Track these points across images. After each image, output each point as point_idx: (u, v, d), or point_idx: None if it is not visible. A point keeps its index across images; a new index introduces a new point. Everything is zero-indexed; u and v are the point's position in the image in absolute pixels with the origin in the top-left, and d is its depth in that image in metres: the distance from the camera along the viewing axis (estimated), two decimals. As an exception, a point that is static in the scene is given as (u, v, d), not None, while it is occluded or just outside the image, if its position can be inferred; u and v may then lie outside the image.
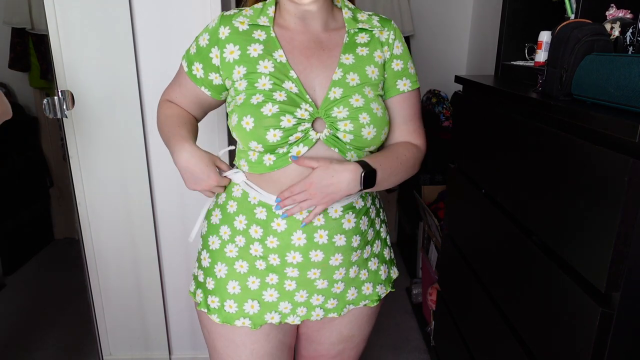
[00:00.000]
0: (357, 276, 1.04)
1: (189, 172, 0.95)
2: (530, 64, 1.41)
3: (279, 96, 0.89)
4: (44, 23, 1.59)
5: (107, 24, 1.58)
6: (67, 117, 1.60)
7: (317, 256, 0.95)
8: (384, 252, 1.10)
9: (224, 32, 0.94)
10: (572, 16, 1.22)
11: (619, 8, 1.06)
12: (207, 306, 1.02)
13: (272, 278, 0.98)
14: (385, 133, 0.96)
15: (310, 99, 0.91)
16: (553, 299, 0.95)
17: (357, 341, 1.14)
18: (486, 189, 1.34)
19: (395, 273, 1.14)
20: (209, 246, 1.02)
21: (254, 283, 0.99)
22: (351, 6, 1.02)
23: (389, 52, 1.00)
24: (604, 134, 0.81)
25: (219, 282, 1.00)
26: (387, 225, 1.12)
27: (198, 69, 0.98)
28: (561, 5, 1.28)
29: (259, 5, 0.99)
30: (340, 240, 0.96)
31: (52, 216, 3.20)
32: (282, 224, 0.94)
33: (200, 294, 1.04)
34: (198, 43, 0.98)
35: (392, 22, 1.02)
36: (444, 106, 2.60)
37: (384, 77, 1.00)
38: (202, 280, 1.04)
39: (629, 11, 1.04)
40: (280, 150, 0.91)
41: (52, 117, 1.57)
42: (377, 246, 1.07)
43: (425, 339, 2.17)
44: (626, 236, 0.76)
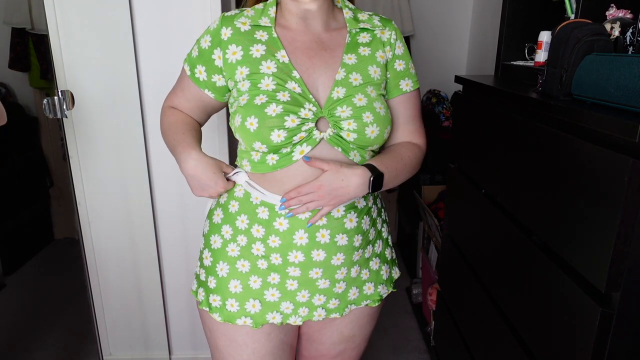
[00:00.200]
0: (359, 276, 1.04)
1: (195, 180, 0.95)
2: (530, 64, 1.41)
3: (283, 96, 0.89)
4: (44, 23, 1.59)
5: (107, 24, 1.58)
6: (67, 117, 1.60)
7: (319, 255, 0.95)
8: (385, 252, 1.10)
9: (226, 33, 0.94)
10: (572, 16, 1.22)
11: (619, 8, 1.06)
12: (209, 305, 1.02)
13: (274, 277, 0.98)
14: (388, 132, 0.97)
15: (314, 99, 0.92)
16: (553, 299, 0.96)
17: (358, 341, 1.14)
18: (486, 189, 1.34)
19: (396, 273, 1.14)
20: (210, 245, 1.02)
21: (255, 282, 0.99)
22: (351, 6, 1.02)
23: (391, 53, 1.00)
24: (604, 134, 0.82)
25: (221, 281, 1.00)
26: (389, 225, 1.12)
27: (201, 72, 0.98)
28: (561, 5, 1.28)
29: (260, 5, 0.98)
30: (342, 240, 0.96)
31: (52, 216, 3.20)
32: (285, 223, 0.94)
33: (202, 293, 1.04)
34: (200, 45, 0.98)
35: (393, 22, 1.03)
36: (444, 106, 2.60)
37: (387, 77, 1.00)
38: (204, 279, 1.04)
39: (629, 11, 1.04)
40: (284, 150, 0.91)
41: (52, 117, 1.56)
42: (379, 246, 1.07)
43: (425, 339, 2.17)
44: (626, 236, 0.76)
